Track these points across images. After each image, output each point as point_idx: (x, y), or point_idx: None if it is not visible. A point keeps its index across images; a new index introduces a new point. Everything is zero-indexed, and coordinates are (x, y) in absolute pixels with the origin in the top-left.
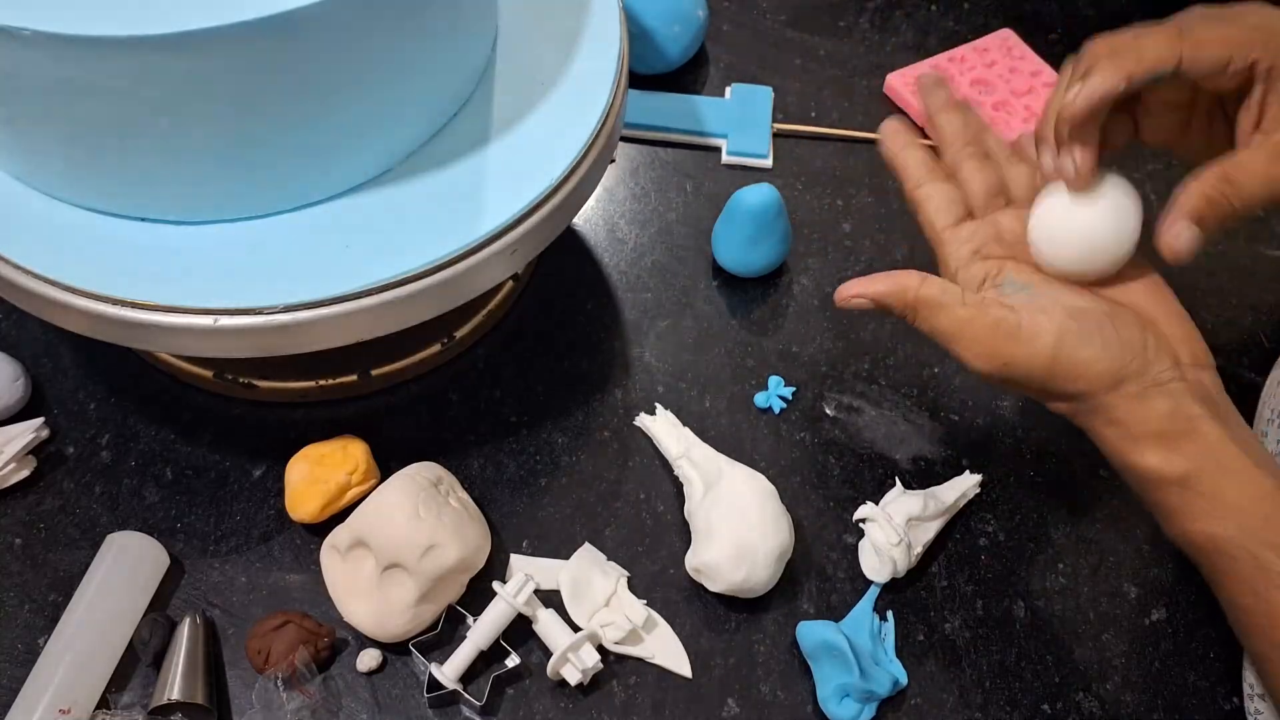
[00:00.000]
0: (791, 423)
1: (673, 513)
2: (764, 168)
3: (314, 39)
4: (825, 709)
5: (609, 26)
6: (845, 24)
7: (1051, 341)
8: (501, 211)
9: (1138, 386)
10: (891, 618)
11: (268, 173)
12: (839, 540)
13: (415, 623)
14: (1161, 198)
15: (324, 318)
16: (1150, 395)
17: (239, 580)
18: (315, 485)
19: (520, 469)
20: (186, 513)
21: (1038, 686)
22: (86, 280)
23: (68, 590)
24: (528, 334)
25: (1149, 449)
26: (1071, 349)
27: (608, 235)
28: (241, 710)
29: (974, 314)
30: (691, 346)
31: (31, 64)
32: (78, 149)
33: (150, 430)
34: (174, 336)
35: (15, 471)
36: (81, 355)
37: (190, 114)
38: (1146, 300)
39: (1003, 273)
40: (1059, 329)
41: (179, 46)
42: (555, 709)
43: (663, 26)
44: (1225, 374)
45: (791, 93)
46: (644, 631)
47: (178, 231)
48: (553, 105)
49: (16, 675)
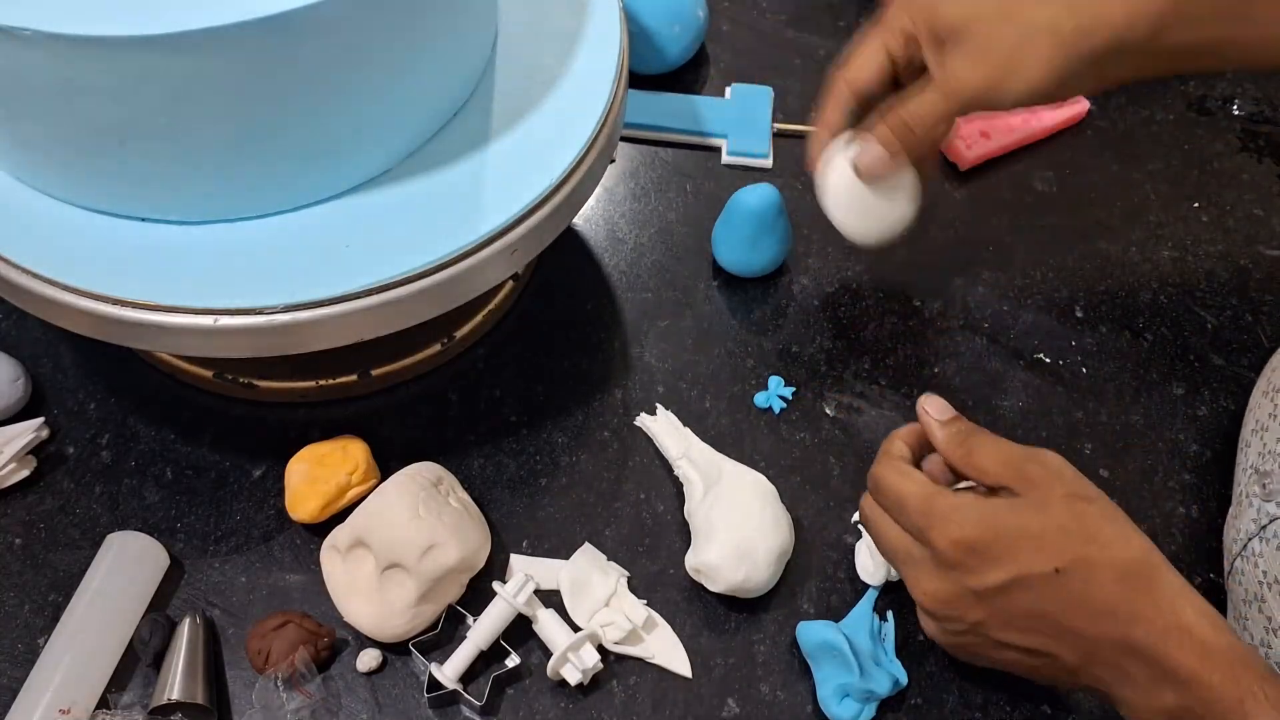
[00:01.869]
0: (791, 423)
1: (673, 513)
2: (764, 168)
3: (314, 39)
4: (825, 709)
5: (609, 26)
6: (845, 24)
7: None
8: (501, 211)
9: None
10: (891, 618)
11: (268, 173)
12: (839, 540)
13: (415, 623)
14: (1162, 197)
15: (324, 318)
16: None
17: (239, 580)
18: (315, 485)
19: (520, 469)
20: (186, 513)
21: (1038, 686)
22: (86, 280)
23: (68, 590)
24: (528, 334)
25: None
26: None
27: (608, 235)
28: (241, 710)
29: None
30: (691, 346)
31: (31, 64)
32: (78, 149)
33: (150, 430)
34: (174, 336)
35: (15, 471)
36: (81, 355)
37: (190, 114)
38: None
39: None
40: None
41: (179, 46)
42: (555, 709)
43: (663, 26)
44: (1225, 374)
45: (791, 93)
46: (644, 631)
47: (178, 231)
48: (553, 105)
49: (16, 675)
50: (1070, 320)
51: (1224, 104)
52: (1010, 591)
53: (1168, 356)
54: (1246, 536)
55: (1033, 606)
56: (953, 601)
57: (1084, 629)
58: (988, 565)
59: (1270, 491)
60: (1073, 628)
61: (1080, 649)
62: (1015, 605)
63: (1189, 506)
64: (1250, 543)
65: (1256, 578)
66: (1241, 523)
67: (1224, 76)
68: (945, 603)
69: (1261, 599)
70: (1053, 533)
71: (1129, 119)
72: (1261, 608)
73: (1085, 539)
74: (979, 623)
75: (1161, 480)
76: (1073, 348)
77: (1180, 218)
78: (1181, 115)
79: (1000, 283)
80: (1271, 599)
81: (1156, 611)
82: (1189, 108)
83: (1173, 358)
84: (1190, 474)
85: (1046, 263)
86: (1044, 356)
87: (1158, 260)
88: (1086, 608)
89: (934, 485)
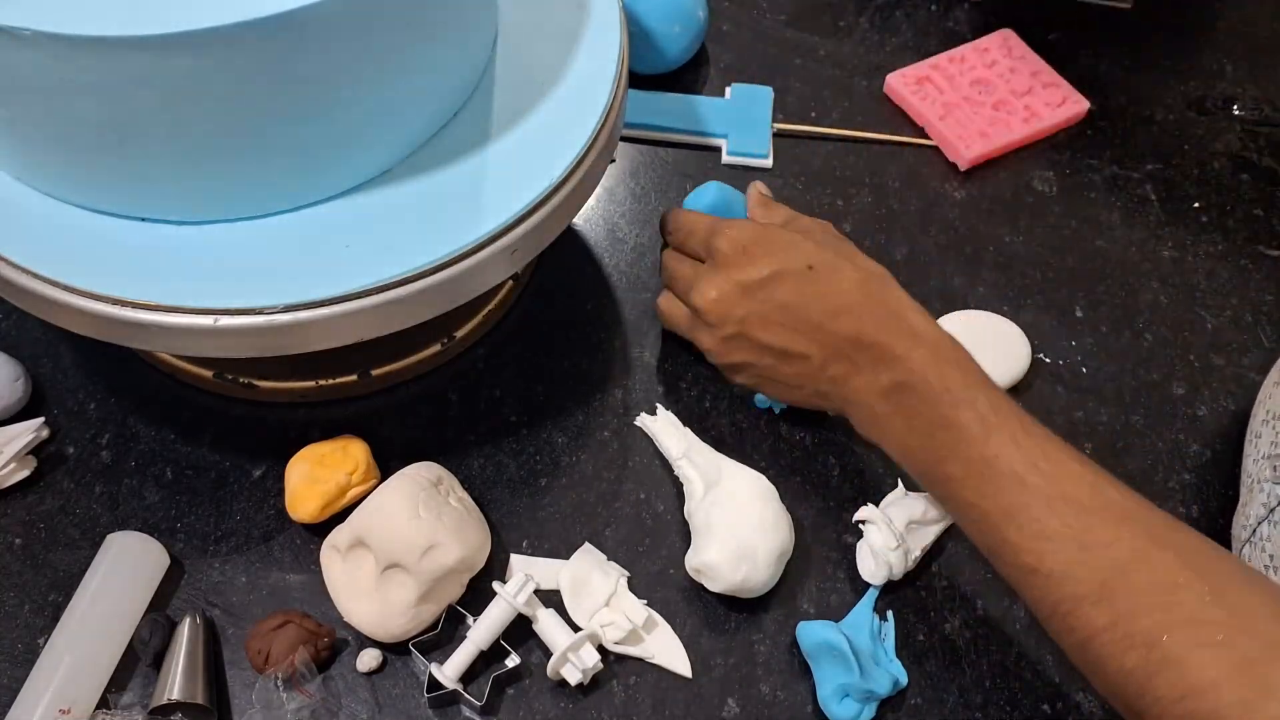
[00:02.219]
0: (791, 423)
1: (673, 513)
2: (764, 168)
3: (314, 39)
4: (825, 709)
5: (609, 26)
6: (845, 24)
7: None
8: (501, 211)
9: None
10: (891, 618)
11: (268, 173)
12: (839, 540)
13: (415, 623)
14: (1161, 198)
15: (324, 318)
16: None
17: (239, 580)
18: (315, 485)
19: (520, 469)
20: (186, 513)
21: (1038, 686)
22: (86, 280)
23: (68, 590)
24: (528, 334)
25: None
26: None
27: (608, 235)
28: (241, 710)
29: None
30: (691, 346)
31: (31, 64)
32: (78, 149)
33: (150, 430)
34: (174, 336)
35: (15, 471)
36: (81, 355)
37: (189, 114)
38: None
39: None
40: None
41: (179, 46)
42: (555, 709)
43: (663, 26)
44: (1225, 374)
45: (791, 93)
46: (644, 631)
47: (178, 231)
48: (553, 105)
49: (16, 675)
50: (1070, 320)
51: (1224, 104)
52: (770, 285)
53: (1168, 356)
54: (1256, 521)
55: (787, 299)
56: (724, 300)
57: (826, 324)
58: (755, 262)
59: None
60: (819, 323)
61: (823, 344)
62: (774, 298)
63: (1189, 506)
64: (1259, 527)
65: (1263, 562)
66: (1251, 509)
67: (1224, 76)
68: (718, 301)
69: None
70: (810, 244)
71: (1129, 119)
72: None
73: (836, 250)
74: (744, 319)
75: (1161, 480)
76: (1073, 348)
77: (1180, 218)
78: (1181, 115)
79: (1000, 283)
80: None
81: (884, 310)
82: (1189, 108)
83: (1173, 358)
84: (1190, 474)
85: (1046, 263)
86: (1044, 356)
87: (1158, 260)
88: (829, 303)
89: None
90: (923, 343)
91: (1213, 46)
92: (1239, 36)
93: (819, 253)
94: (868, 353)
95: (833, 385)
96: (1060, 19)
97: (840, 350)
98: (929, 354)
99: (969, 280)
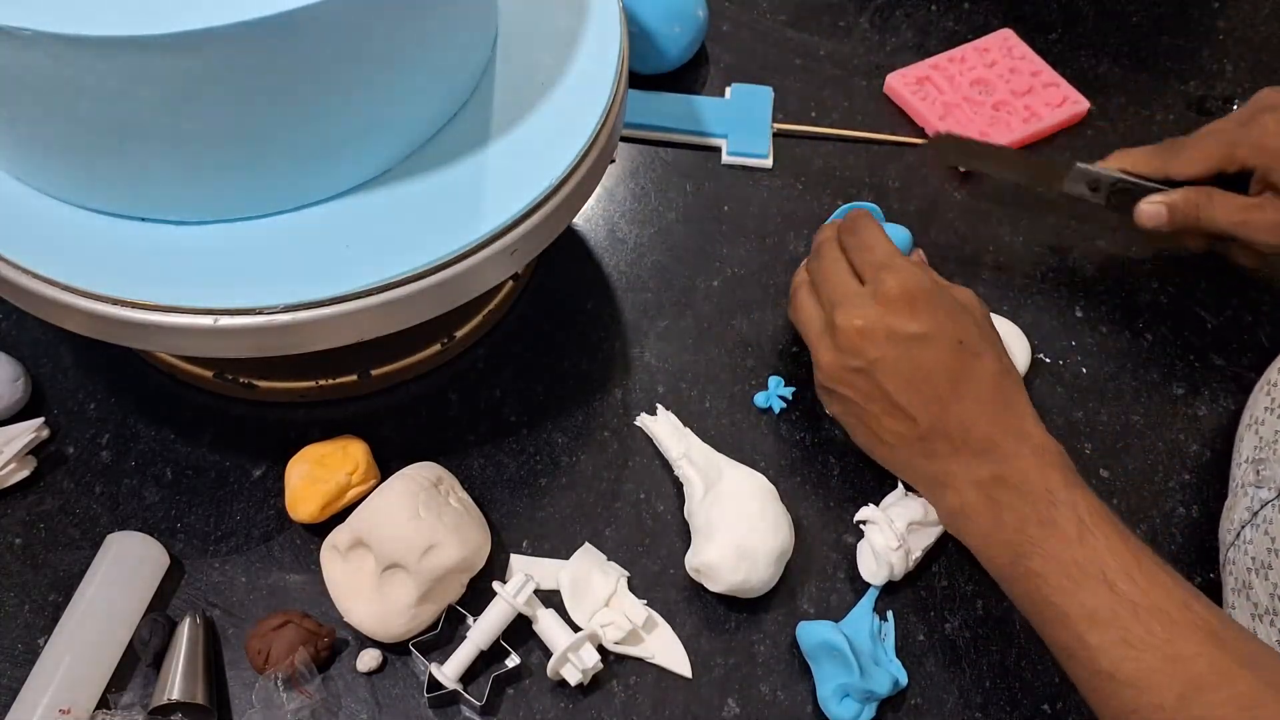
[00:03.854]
0: (791, 423)
1: (673, 513)
2: (764, 168)
3: (314, 39)
4: (825, 709)
5: (609, 26)
6: (845, 24)
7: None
8: (501, 211)
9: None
10: (891, 618)
11: (268, 173)
12: (839, 540)
13: (415, 623)
14: None
15: (324, 318)
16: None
17: (239, 580)
18: (315, 485)
19: (520, 469)
20: (186, 513)
21: (1038, 686)
22: (86, 280)
23: (68, 590)
24: (528, 334)
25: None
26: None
27: (608, 235)
28: (241, 710)
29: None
30: (691, 346)
31: (31, 64)
32: (78, 149)
33: (150, 430)
34: (174, 336)
35: (15, 471)
36: (81, 355)
37: (190, 114)
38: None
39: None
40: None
41: (179, 46)
42: (555, 709)
43: (663, 26)
44: (1225, 374)
45: (791, 93)
46: (644, 631)
47: (178, 231)
48: (553, 105)
49: (16, 675)
50: (1070, 320)
51: (1224, 104)
52: (918, 343)
53: (1168, 356)
54: (1239, 524)
55: (925, 363)
56: (868, 334)
57: (949, 401)
58: (916, 315)
59: (1263, 478)
60: (943, 397)
61: (936, 417)
62: (914, 356)
63: (1189, 506)
64: (1243, 530)
65: (1246, 564)
66: (1235, 513)
67: (1224, 76)
68: (861, 332)
69: (1249, 585)
70: (969, 320)
71: (1129, 119)
72: (1249, 595)
73: (990, 339)
74: (876, 360)
75: (1161, 480)
76: (1073, 348)
77: None
78: (1181, 115)
79: (1000, 283)
80: (1259, 584)
81: (1005, 408)
82: (1189, 108)
83: (1173, 358)
84: (1190, 474)
85: (1046, 262)
86: (1044, 356)
87: (1158, 260)
88: (962, 385)
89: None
90: (1030, 442)
91: (1213, 46)
92: (1239, 36)
93: (972, 332)
94: (976, 442)
95: (926, 459)
96: (1060, 19)
97: (949, 430)
98: (1035, 454)
99: (969, 280)
